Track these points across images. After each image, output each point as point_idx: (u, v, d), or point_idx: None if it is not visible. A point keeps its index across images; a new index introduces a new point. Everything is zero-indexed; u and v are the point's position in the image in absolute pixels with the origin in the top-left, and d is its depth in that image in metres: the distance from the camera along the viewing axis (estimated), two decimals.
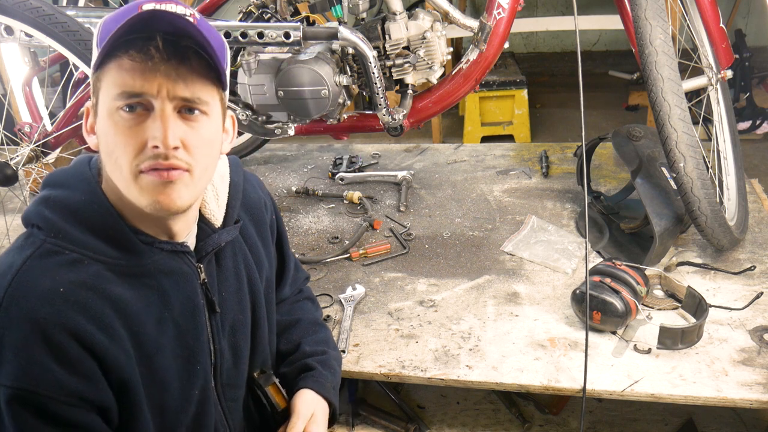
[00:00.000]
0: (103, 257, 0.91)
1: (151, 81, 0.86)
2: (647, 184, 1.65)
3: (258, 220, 1.16)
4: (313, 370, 1.19)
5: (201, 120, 0.91)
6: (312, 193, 2.14)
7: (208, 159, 0.93)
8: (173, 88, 0.87)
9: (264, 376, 1.16)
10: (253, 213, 1.15)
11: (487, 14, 1.72)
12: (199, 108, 0.90)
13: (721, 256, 1.68)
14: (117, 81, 0.87)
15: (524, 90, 3.96)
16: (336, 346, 1.30)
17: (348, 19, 1.74)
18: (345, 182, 2.20)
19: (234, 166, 1.14)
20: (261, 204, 1.18)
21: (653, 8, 1.46)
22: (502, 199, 2.05)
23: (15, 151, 1.95)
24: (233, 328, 1.08)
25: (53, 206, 0.92)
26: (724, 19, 1.71)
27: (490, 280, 1.67)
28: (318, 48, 1.74)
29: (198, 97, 0.89)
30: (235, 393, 1.10)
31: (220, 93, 0.94)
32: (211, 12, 2.00)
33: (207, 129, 0.92)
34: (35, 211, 0.93)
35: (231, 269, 1.08)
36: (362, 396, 1.66)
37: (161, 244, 0.96)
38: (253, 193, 1.17)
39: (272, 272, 1.21)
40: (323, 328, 1.31)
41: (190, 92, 0.88)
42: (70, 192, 0.94)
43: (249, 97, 1.81)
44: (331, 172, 2.26)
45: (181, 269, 0.98)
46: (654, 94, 1.47)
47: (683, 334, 1.35)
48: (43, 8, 1.57)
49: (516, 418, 1.58)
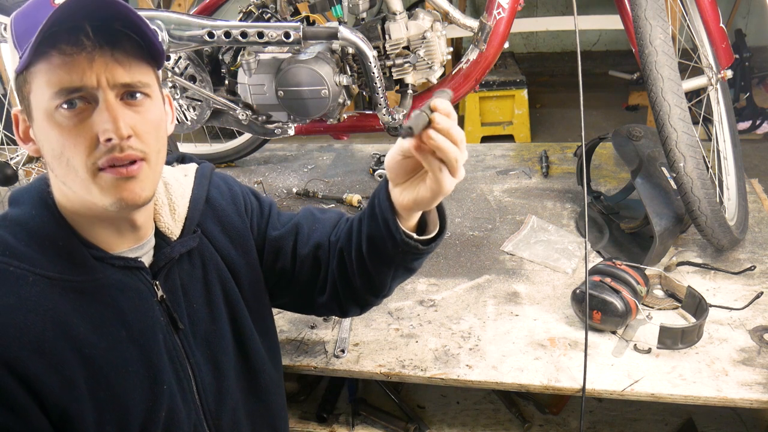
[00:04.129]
0: (50, 273, 0.87)
1: (88, 72, 0.81)
2: (647, 184, 1.65)
3: (230, 227, 1.12)
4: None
5: (145, 103, 0.88)
6: (312, 195, 2.14)
7: (159, 142, 0.90)
8: (112, 75, 0.83)
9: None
10: (224, 223, 1.11)
11: (487, 14, 1.72)
12: (142, 91, 0.86)
13: (721, 256, 1.68)
14: (51, 79, 0.82)
15: (524, 90, 3.97)
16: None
17: (348, 19, 1.75)
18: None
19: (199, 179, 1.10)
20: (231, 211, 1.13)
21: (653, 8, 1.46)
22: (502, 199, 2.05)
23: (15, 151, 1.95)
24: (207, 341, 1.04)
25: (7, 224, 0.90)
26: (724, 19, 1.71)
27: (490, 279, 1.67)
28: (318, 48, 1.74)
29: (139, 81, 0.86)
30: (224, 406, 1.06)
31: (155, 73, 0.91)
32: (211, 12, 2.00)
33: (153, 112, 0.89)
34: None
35: (199, 280, 1.05)
36: (362, 396, 1.65)
37: (112, 260, 0.92)
38: (220, 201, 1.12)
39: (258, 277, 1.16)
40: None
41: (130, 77, 0.84)
42: (23, 208, 0.91)
43: (249, 97, 1.81)
44: (372, 168, 2.26)
45: (136, 286, 0.94)
46: (654, 94, 1.47)
47: (683, 334, 1.35)
48: None
49: (516, 418, 1.58)
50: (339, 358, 1.43)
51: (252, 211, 1.18)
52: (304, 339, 1.50)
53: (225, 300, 1.09)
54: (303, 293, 1.21)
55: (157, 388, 0.95)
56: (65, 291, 0.88)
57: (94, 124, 0.83)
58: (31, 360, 0.82)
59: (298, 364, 1.43)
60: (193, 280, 1.04)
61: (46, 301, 0.85)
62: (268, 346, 1.17)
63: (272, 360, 1.18)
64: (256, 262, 1.16)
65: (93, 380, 0.88)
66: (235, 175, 2.32)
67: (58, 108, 0.82)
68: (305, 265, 1.17)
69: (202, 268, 1.06)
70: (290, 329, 1.54)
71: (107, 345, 0.90)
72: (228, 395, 1.07)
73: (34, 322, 0.84)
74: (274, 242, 1.17)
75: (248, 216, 1.16)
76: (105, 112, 0.83)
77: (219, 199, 1.13)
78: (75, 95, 0.82)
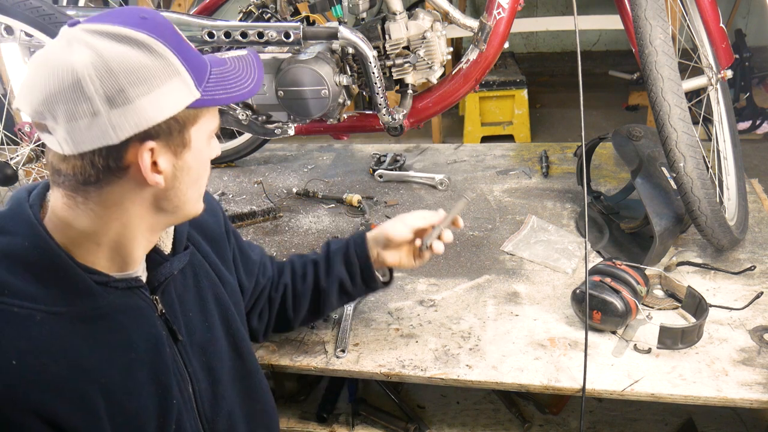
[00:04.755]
0: (55, 308, 0.85)
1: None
2: (647, 184, 1.65)
3: (212, 238, 1.16)
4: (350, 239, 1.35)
5: None
6: (312, 195, 2.14)
7: None
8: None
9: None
10: (206, 233, 1.15)
11: (487, 14, 1.72)
12: None
13: (721, 256, 1.68)
14: (213, 112, 0.93)
15: (524, 90, 3.97)
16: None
17: (348, 19, 1.75)
18: (384, 179, 2.20)
19: None
20: (212, 222, 1.17)
21: (653, 8, 1.46)
22: (502, 199, 2.05)
23: (15, 151, 1.95)
24: (203, 348, 1.06)
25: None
26: (724, 19, 1.71)
27: (490, 279, 1.67)
28: (318, 48, 1.75)
29: None
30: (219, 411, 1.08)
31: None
32: (211, 12, 2.00)
33: None
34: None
35: (192, 289, 1.07)
36: (362, 396, 1.66)
37: (115, 282, 0.92)
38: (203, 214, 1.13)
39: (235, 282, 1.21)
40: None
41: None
42: (11, 238, 0.86)
43: None
44: (372, 168, 2.26)
45: (138, 305, 0.95)
46: (654, 94, 1.47)
47: (683, 334, 1.35)
48: (43, 8, 1.57)
49: (516, 418, 1.58)
50: (339, 358, 1.43)
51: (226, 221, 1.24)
52: (304, 339, 1.50)
53: (217, 306, 1.11)
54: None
55: (167, 404, 0.96)
56: (72, 323, 0.87)
57: (214, 148, 0.98)
58: (54, 401, 0.82)
59: (298, 364, 1.43)
60: (186, 290, 1.06)
61: (56, 339, 0.84)
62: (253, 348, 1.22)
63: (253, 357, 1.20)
64: (233, 269, 1.21)
65: (110, 408, 0.88)
66: (235, 175, 2.33)
67: (210, 139, 0.95)
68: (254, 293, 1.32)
69: (194, 278, 1.08)
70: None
71: (119, 371, 0.90)
72: (223, 400, 1.08)
73: (48, 364, 0.83)
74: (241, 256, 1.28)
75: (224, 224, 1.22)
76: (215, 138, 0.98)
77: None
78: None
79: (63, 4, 2.29)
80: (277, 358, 1.45)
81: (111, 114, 0.80)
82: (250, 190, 2.23)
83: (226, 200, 2.17)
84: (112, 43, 0.81)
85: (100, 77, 0.79)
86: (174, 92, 0.84)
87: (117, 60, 0.80)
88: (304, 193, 2.15)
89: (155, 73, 0.83)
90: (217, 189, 2.23)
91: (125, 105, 0.81)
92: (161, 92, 0.83)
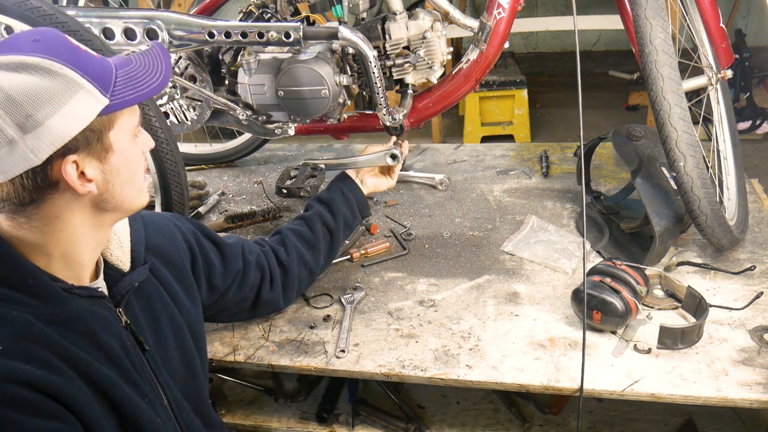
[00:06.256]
0: (30, 309, 0.90)
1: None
2: (647, 183, 1.65)
3: (169, 260, 1.19)
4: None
5: None
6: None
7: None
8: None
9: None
10: (162, 255, 1.17)
11: (487, 14, 1.72)
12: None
13: (721, 256, 1.68)
14: (130, 110, 0.96)
15: (524, 90, 3.97)
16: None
17: (348, 19, 1.74)
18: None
19: (130, 218, 1.16)
20: (168, 245, 1.20)
21: (653, 8, 1.46)
22: (502, 199, 2.05)
23: None
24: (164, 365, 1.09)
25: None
26: (724, 19, 1.71)
27: (490, 279, 1.67)
28: (318, 48, 1.74)
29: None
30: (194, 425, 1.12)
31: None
32: (211, 12, 2.00)
33: None
34: None
35: (148, 308, 1.10)
36: (362, 396, 1.66)
37: (78, 290, 0.96)
38: (157, 237, 1.18)
39: (197, 309, 1.23)
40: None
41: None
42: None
43: (249, 96, 1.81)
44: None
45: (104, 314, 0.99)
46: (654, 94, 1.47)
47: (683, 334, 1.35)
48: (44, 8, 1.57)
49: (516, 418, 1.58)
50: (339, 358, 1.43)
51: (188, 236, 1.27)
52: (304, 339, 1.50)
53: (172, 328, 1.14)
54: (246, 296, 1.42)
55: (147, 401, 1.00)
56: (47, 323, 0.90)
57: (143, 142, 1.01)
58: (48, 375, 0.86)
59: (298, 364, 1.43)
60: (142, 310, 1.09)
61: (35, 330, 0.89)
62: (203, 362, 1.23)
63: (204, 376, 1.23)
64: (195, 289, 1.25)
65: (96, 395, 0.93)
66: (235, 175, 2.33)
67: (136, 136, 0.98)
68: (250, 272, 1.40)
69: (148, 299, 1.11)
70: (290, 329, 1.54)
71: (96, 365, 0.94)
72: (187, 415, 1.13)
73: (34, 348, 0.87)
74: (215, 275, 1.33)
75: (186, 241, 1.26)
76: (144, 131, 1.01)
77: (155, 234, 1.19)
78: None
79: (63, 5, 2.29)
80: (277, 358, 1.45)
81: (26, 139, 0.84)
82: (250, 190, 2.23)
83: (226, 200, 2.17)
84: (8, 74, 0.84)
85: (5, 109, 0.83)
86: (81, 105, 0.87)
87: (16, 89, 0.83)
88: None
89: (57, 92, 0.85)
90: (217, 189, 2.23)
91: (36, 128, 0.84)
92: (68, 108, 0.86)
